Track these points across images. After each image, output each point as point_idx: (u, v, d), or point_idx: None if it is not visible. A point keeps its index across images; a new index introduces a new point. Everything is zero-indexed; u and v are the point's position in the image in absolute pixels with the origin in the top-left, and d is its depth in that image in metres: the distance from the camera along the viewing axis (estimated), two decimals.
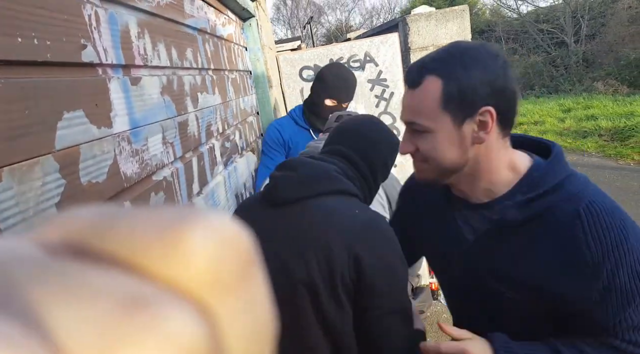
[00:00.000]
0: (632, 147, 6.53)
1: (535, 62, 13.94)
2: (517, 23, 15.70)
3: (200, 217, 0.12)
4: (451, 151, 0.77)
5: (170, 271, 0.11)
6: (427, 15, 3.29)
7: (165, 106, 0.95)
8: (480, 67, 0.73)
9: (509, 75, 0.76)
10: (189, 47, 1.22)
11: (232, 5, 2.03)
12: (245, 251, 0.12)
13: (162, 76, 0.97)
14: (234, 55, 1.98)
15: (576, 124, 8.29)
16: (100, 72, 0.72)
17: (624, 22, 11.89)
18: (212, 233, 0.12)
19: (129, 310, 0.10)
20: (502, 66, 0.75)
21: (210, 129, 1.36)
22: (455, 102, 0.74)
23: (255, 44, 2.53)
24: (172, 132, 0.98)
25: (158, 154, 0.88)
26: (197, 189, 1.13)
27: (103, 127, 0.68)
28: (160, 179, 0.88)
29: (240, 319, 0.12)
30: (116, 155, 0.71)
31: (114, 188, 0.70)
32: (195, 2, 1.42)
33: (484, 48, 0.76)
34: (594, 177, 5.59)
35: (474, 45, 0.77)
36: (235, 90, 1.87)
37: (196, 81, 1.25)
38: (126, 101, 0.76)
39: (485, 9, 19.22)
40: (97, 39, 0.72)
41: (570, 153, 7.10)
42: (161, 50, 0.98)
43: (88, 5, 0.71)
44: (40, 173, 0.55)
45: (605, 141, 7.20)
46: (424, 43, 3.27)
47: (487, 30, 16.10)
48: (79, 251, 0.11)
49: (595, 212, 0.74)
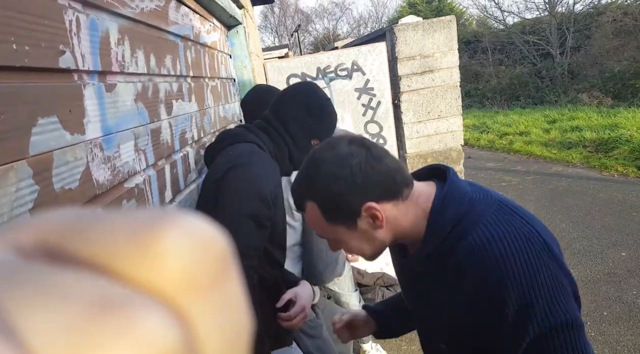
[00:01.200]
0: (616, 159, 6.64)
1: (521, 73, 14.14)
2: (503, 34, 15.93)
3: (174, 219, 0.12)
4: (364, 244, 0.82)
5: (143, 273, 0.11)
6: (414, 25, 3.33)
7: (139, 113, 0.95)
8: (339, 177, 0.76)
9: (365, 164, 0.77)
10: (169, 54, 1.22)
11: (218, 13, 2.04)
12: (220, 253, 0.12)
13: (138, 83, 0.97)
14: (217, 62, 1.98)
15: (561, 135, 8.40)
16: (76, 78, 0.72)
17: (608, 35, 12.14)
18: (186, 235, 0.12)
19: (102, 312, 0.10)
20: (356, 163, 0.77)
21: (185, 136, 1.35)
22: (336, 214, 0.79)
23: (242, 51, 2.53)
24: (145, 140, 0.98)
25: (130, 161, 0.88)
26: (169, 196, 1.13)
27: (76, 134, 0.68)
28: (132, 186, 0.87)
29: (215, 321, 0.12)
30: (88, 162, 0.70)
31: (87, 195, 0.70)
32: (181, 9, 1.43)
33: (334, 156, 0.78)
34: (579, 187, 5.71)
35: (326, 157, 0.78)
36: (215, 97, 1.87)
37: (172, 88, 1.25)
38: (100, 107, 0.76)
39: (472, 19, 19.51)
40: (76, 45, 0.72)
41: (555, 164, 7.20)
42: (139, 57, 0.98)
43: (70, 10, 0.71)
44: (14, 179, 0.55)
45: (590, 152, 7.30)
46: (411, 52, 3.31)
47: (473, 41, 16.31)
48: (51, 254, 0.11)
49: (478, 248, 0.74)
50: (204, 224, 0.12)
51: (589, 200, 5.25)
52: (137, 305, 0.10)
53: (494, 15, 17.26)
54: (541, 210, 5.13)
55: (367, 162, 0.76)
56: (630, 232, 4.26)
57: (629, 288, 3.32)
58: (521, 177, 6.60)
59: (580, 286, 3.40)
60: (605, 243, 4.10)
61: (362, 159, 0.76)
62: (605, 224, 4.53)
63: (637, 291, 3.27)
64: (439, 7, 19.82)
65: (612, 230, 4.36)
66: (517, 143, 8.68)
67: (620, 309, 3.08)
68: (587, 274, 3.61)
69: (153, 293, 0.11)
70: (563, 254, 0.79)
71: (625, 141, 6.95)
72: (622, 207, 4.89)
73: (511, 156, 8.28)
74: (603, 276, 3.54)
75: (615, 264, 3.71)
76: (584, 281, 3.50)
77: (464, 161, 3.48)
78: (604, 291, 3.33)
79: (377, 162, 0.77)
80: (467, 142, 9.58)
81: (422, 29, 3.32)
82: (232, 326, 0.12)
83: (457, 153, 3.44)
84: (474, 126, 10.84)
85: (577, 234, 4.37)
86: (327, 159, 0.77)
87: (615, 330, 2.86)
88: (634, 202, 5.02)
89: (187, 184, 1.35)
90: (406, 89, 3.37)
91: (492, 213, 0.76)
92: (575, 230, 4.48)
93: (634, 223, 4.45)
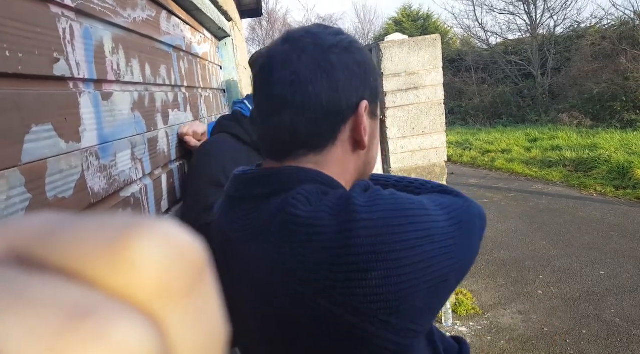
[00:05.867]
0: (595, 179, 6.80)
1: (504, 92, 14.44)
2: (486, 54, 16.29)
3: (148, 226, 0.12)
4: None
5: (117, 280, 0.11)
6: (400, 42, 3.39)
7: (135, 122, 0.95)
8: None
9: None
10: (163, 64, 1.23)
11: (208, 24, 2.05)
12: (195, 260, 0.12)
13: (134, 92, 0.97)
14: (209, 73, 1.98)
15: (542, 154, 8.58)
16: (72, 86, 0.71)
17: (587, 57, 12.51)
18: (161, 241, 0.11)
19: (75, 320, 0.10)
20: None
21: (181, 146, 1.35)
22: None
23: (230, 63, 2.54)
24: (142, 149, 0.97)
25: (126, 170, 0.87)
26: (166, 206, 1.12)
27: (71, 142, 0.67)
28: (128, 196, 0.86)
29: (190, 329, 0.12)
30: (84, 170, 0.70)
31: (81, 204, 0.69)
32: (172, 19, 1.43)
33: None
34: (559, 206, 5.81)
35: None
36: (208, 108, 1.87)
37: (168, 98, 1.25)
38: (96, 115, 0.76)
39: (456, 38, 19.91)
40: (71, 53, 0.72)
41: (536, 182, 7.33)
42: (135, 66, 0.98)
43: (63, 19, 0.71)
44: (5, 187, 0.54)
45: (570, 171, 7.47)
46: (397, 70, 3.36)
47: (457, 60, 16.64)
48: (23, 260, 0.11)
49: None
50: (180, 231, 0.12)
51: (568, 218, 5.36)
52: (111, 312, 0.10)
53: (478, 35, 17.62)
54: (522, 227, 5.21)
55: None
56: (608, 251, 4.35)
57: (607, 307, 3.38)
58: (503, 195, 6.70)
59: (560, 304, 3.48)
60: (585, 262, 4.18)
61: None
62: (584, 242, 4.62)
63: (615, 310, 3.33)
64: (425, 26, 20.20)
65: (591, 249, 4.45)
66: (499, 161, 8.82)
67: (599, 327, 3.13)
68: (567, 292, 3.66)
69: (127, 300, 0.11)
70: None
71: (604, 161, 7.13)
72: (600, 226, 5.00)
73: (493, 173, 8.42)
74: (582, 295, 3.60)
75: (594, 283, 3.77)
76: (564, 299, 3.55)
77: (447, 177, 3.52)
78: (583, 309, 3.39)
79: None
80: (451, 159, 9.71)
81: (408, 47, 3.38)
82: (207, 333, 0.12)
83: (441, 169, 3.49)
84: (457, 143, 11.00)
85: (557, 252, 4.44)
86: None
87: (594, 349, 2.90)
88: (612, 221, 5.13)
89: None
90: (391, 105, 3.41)
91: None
92: (555, 248, 4.55)
93: (612, 242, 4.55)
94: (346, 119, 0.64)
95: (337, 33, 0.66)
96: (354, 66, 0.63)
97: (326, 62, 0.61)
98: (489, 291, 3.79)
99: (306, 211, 0.57)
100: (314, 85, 0.61)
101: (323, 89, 0.61)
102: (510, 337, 3.11)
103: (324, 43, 0.63)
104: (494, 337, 3.13)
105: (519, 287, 3.82)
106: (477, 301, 3.65)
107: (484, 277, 4.06)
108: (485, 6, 19.95)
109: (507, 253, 4.55)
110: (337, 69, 0.62)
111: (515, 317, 3.37)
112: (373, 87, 0.67)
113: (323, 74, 0.61)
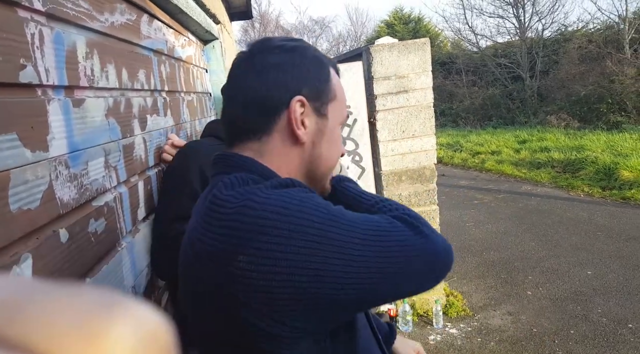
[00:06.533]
0: (582, 179, 6.87)
1: (493, 95, 14.55)
2: (476, 56, 16.42)
3: (122, 308, 0.11)
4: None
5: None
6: (389, 46, 3.39)
7: (110, 129, 0.93)
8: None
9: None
10: (142, 69, 1.20)
11: (194, 27, 2.03)
12: (165, 345, 0.12)
13: (109, 98, 0.95)
14: (192, 77, 1.96)
15: (531, 155, 8.65)
16: (40, 93, 0.69)
17: (574, 60, 12.66)
18: (134, 327, 0.11)
19: None
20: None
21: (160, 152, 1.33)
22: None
23: (218, 66, 2.52)
24: (116, 156, 0.95)
25: (99, 178, 0.85)
26: (142, 214, 1.10)
27: (38, 151, 0.65)
28: (101, 205, 0.84)
29: None
30: (52, 180, 0.68)
31: (48, 215, 0.67)
32: (154, 23, 1.41)
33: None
34: (547, 206, 5.86)
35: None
36: (191, 112, 1.85)
37: (146, 103, 1.23)
38: (66, 123, 0.74)
39: (447, 41, 20.03)
40: (39, 59, 0.70)
41: (525, 183, 7.39)
42: (110, 71, 0.96)
43: (32, 24, 0.69)
44: None
45: (558, 172, 7.53)
46: (387, 73, 3.36)
47: (448, 62, 16.74)
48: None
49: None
50: (152, 315, 0.12)
51: (556, 219, 5.40)
52: None
53: (468, 38, 17.76)
54: (512, 228, 5.24)
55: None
56: (595, 252, 4.38)
57: (594, 307, 3.41)
58: (493, 196, 6.74)
59: (549, 305, 3.49)
60: (572, 262, 4.21)
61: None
62: (572, 243, 4.65)
63: (601, 310, 3.35)
64: (416, 29, 20.29)
65: (578, 249, 4.48)
66: (489, 162, 8.88)
67: (586, 327, 3.15)
68: (555, 292, 3.68)
69: None
70: None
71: (591, 162, 7.20)
72: (588, 227, 5.04)
73: (483, 174, 8.47)
74: (570, 295, 3.62)
75: (581, 283, 3.80)
76: (552, 299, 3.57)
77: (437, 178, 3.53)
78: (571, 309, 3.41)
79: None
80: (442, 160, 9.76)
81: (398, 50, 3.38)
82: None
83: (431, 172, 3.49)
84: (448, 145, 11.05)
85: (546, 253, 4.47)
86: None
87: (581, 349, 2.92)
88: (599, 221, 5.18)
89: None
90: (382, 108, 3.41)
91: None
92: (544, 249, 4.58)
93: (599, 242, 4.58)
94: (279, 112, 0.70)
95: (290, 39, 0.75)
96: (287, 65, 0.71)
97: (261, 62, 0.71)
98: (479, 292, 3.80)
99: (226, 193, 0.64)
100: (244, 81, 0.71)
101: (253, 84, 0.70)
102: (500, 338, 3.12)
103: (267, 46, 0.72)
104: (484, 338, 3.14)
105: (509, 288, 3.83)
106: (467, 302, 3.66)
107: (475, 278, 4.07)
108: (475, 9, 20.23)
109: (497, 254, 4.57)
110: (269, 68, 0.70)
111: (504, 318, 3.38)
112: (315, 86, 0.72)
113: (253, 71, 0.71)
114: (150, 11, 1.37)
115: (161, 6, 1.52)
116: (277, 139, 0.71)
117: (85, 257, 0.78)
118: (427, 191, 3.50)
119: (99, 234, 0.84)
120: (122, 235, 0.96)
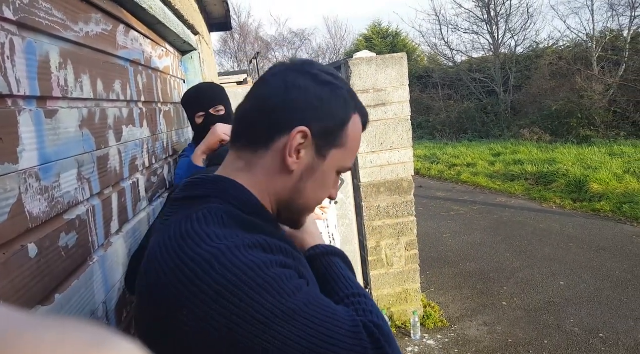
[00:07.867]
0: (554, 192, 7.05)
1: (469, 108, 14.86)
2: (452, 71, 16.78)
3: (111, 347, 0.11)
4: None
5: None
6: (368, 60, 3.44)
7: (84, 140, 0.91)
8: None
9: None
10: (118, 79, 1.19)
11: (172, 38, 2.02)
12: None
13: (83, 109, 0.93)
14: (170, 87, 1.94)
15: (505, 168, 8.84)
16: (10, 103, 0.67)
17: (545, 76, 13.07)
18: None
19: None
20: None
21: (135, 163, 1.30)
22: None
23: (196, 77, 2.51)
24: (90, 168, 0.93)
25: (72, 191, 0.82)
26: (116, 227, 1.07)
27: (7, 163, 0.63)
28: (73, 218, 0.82)
29: None
30: (21, 193, 0.66)
31: (17, 229, 0.65)
32: (130, 33, 1.40)
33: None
34: (521, 218, 5.99)
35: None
36: (168, 123, 1.83)
37: (122, 114, 1.21)
38: (37, 134, 0.72)
39: (424, 56, 20.41)
40: (10, 69, 0.68)
41: (500, 195, 7.53)
42: (85, 82, 0.94)
43: (2, 33, 0.68)
44: None
45: (531, 184, 7.71)
46: (365, 86, 3.40)
47: (425, 76, 17.06)
48: None
49: None
50: (138, 353, 0.12)
51: (530, 230, 5.51)
52: None
53: (444, 53, 18.14)
54: (487, 239, 5.32)
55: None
56: (567, 262, 4.48)
57: (567, 317, 3.47)
58: (468, 207, 6.84)
59: (523, 315, 3.55)
60: (546, 273, 4.29)
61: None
62: (545, 254, 4.75)
63: (574, 320, 3.42)
64: (394, 43, 20.62)
65: (551, 260, 4.58)
66: (464, 174, 9.03)
67: (559, 337, 3.21)
68: (529, 303, 3.74)
69: None
70: None
71: (562, 175, 7.40)
72: (560, 238, 5.16)
73: (459, 186, 8.60)
74: (544, 305, 3.68)
75: (554, 293, 3.87)
76: (527, 310, 3.63)
77: (415, 190, 3.57)
78: (545, 319, 3.46)
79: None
80: (419, 172, 9.87)
81: (376, 64, 3.43)
82: None
83: (408, 183, 3.53)
84: (425, 157, 11.21)
85: (520, 264, 4.55)
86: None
87: None
88: (570, 233, 5.31)
89: (137, 213, 1.29)
90: None
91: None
92: (518, 259, 4.66)
93: (571, 253, 4.70)
94: (282, 133, 0.70)
95: (329, 73, 0.75)
96: (311, 95, 0.71)
97: (292, 80, 0.72)
98: (455, 303, 3.84)
99: (199, 232, 0.62)
100: (272, 88, 0.72)
101: (276, 95, 0.71)
102: (476, 349, 3.14)
103: (305, 69, 0.74)
104: (460, 350, 3.16)
105: (485, 298, 3.88)
106: (444, 313, 3.69)
107: (451, 289, 4.10)
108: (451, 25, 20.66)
109: (473, 265, 4.62)
110: (295, 89, 0.71)
111: (481, 329, 3.41)
112: (326, 126, 0.72)
113: (283, 85, 0.72)
114: (127, 22, 1.36)
115: (138, 17, 1.51)
116: (271, 158, 0.71)
117: (55, 273, 0.75)
118: (405, 203, 3.53)
119: (69, 248, 0.81)
120: (93, 249, 0.94)
